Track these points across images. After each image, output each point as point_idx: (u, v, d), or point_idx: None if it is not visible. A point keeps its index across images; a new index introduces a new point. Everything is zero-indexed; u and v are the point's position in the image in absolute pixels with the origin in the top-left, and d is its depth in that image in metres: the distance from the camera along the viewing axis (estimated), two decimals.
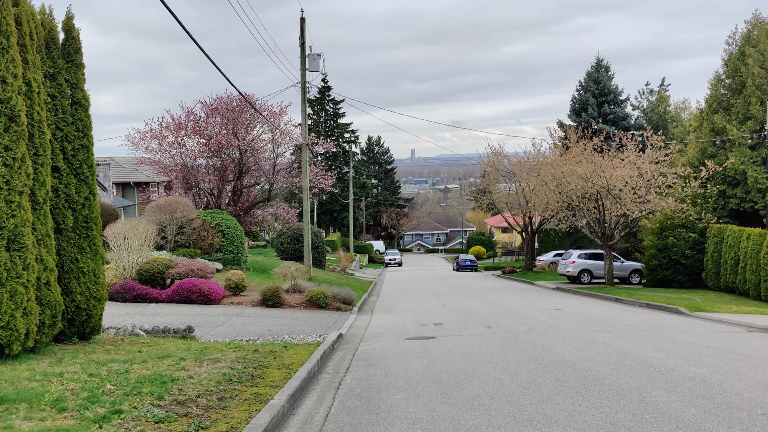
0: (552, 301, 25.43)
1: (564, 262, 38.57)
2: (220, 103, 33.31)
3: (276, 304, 21.18)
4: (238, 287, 22.62)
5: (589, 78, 51.76)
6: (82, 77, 11.96)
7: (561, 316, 18.58)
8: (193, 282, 21.03)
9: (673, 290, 31.07)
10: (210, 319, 17.58)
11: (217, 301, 20.98)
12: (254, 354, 11.00)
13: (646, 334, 14.15)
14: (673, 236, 33.10)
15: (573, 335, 13.84)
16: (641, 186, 29.88)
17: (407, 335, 14.92)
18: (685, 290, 31.24)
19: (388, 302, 26.17)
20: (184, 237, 28.88)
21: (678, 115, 57.02)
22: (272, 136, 34.36)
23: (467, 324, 16.87)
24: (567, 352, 11.44)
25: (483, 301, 25.59)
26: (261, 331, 16.08)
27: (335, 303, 22.42)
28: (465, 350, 12.02)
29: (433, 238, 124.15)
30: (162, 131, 32.59)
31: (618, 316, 18.82)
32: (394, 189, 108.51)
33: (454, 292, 31.10)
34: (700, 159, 34.59)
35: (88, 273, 11.63)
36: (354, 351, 12.81)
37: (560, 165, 33.49)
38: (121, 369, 8.97)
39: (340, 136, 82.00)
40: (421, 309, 22.52)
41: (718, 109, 35.59)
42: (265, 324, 17.28)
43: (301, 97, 31.04)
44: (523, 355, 11.15)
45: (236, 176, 34.41)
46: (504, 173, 49.44)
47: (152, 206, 29.43)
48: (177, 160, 33.42)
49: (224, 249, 29.20)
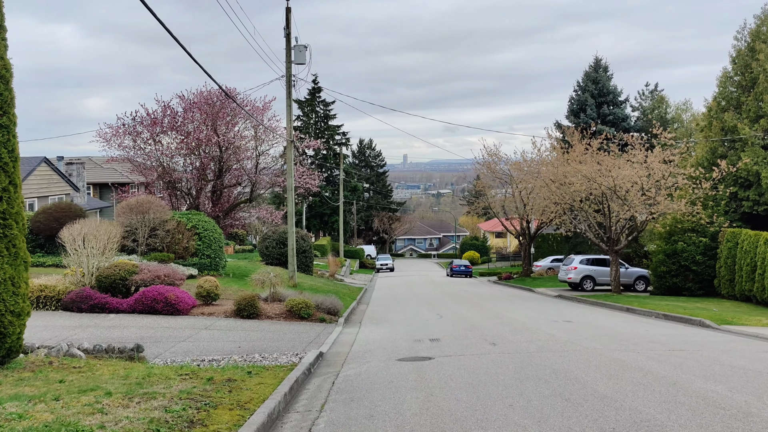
0: (558, 311, 23.24)
1: (565, 268, 36.39)
2: (200, 98, 31.00)
3: (252, 315, 18.97)
4: (210, 295, 20.36)
5: (588, 78, 49.58)
6: (1, 42, 9.71)
7: (574, 330, 16.37)
8: (158, 290, 18.78)
9: (684, 299, 28.92)
10: (173, 333, 15.35)
11: (185, 311, 18.74)
12: (206, 385, 8.73)
13: (683, 354, 11.94)
14: (683, 241, 30.97)
15: (597, 356, 11.62)
16: (650, 187, 27.73)
17: (399, 354, 12.68)
18: (697, 299, 29.10)
19: (379, 312, 23.93)
20: (156, 240, 26.58)
21: (679, 116, 54.96)
22: (255, 133, 32.05)
23: (468, 340, 14.65)
24: (598, 381, 9.21)
25: (482, 311, 23.38)
26: (229, 348, 13.85)
27: (319, 313, 20.20)
28: (470, 378, 9.78)
29: (425, 243, 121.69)
30: (136, 126, 30.21)
31: (638, 330, 16.61)
32: (386, 193, 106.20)
33: (449, 301, 28.87)
34: (710, 159, 32.38)
35: (3, 282, 9.35)
36: (334, 377, 10.55)
37: (563, 165, 31.28)
38: (16, 413, 6.68)
39: (331, 138, 79.73)
40: (415, 320, 20.30)
41: (729, 107, 33.38)
42: (237, 339, 15.05)
43: (286, 91, 28.82)
44: (545, 387, 8.91)
45: (216, 175, 32.09)
46: (500, 175, 47.28)
47: (122, 207, 27.12)
48: (152, 158, 31.07)
49: (200, 253, 26.91)
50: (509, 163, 45.76)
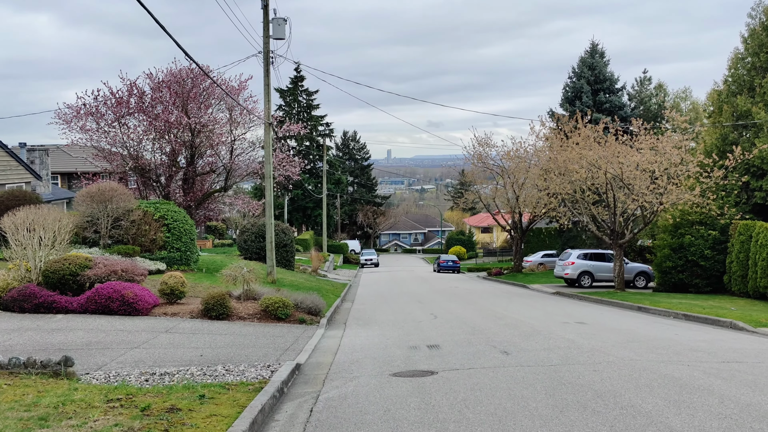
0: (563, 310, 21.04)
1: (561, 263, 34.21)
2: (169, 76, 28.40)
3: (221, 316, 16.64)
4: (175, 293, 17.94)
5: (583, 64, 47.27)
6: None
7: (594, 335, 14.12)
8: (114, 287, 16.34)
9: (693, 296, 26.82)
10: (127, 338, 12.99)
11: (145, 311, 16.36)
12: (135, 421, 6.36)
13: (745, 368, 9.71)
14: (690, 234, 28.87)
15: (640, 371, 9.38)
16: (662, 174, 25.58)
17: (393, 367, 10.39)
18: (706, 296, 27.01)
19: (365, 311, 21.61)
20: (120, 231, 24.09)
21: (677, 105, 52.90)
22: (230, 116, 29.49)
23: (474, 347, 12.38)
24: (665, 412, 6.93)
25: (479, 309, 21.13)
26: (189, 356, 11.53)
27: (298, 313, 17.88)
28: (491, 405, 7.47)
29: (410, 238, 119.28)
30: (98, 107, 27.53)
31: (667, 334, 14.39)
32: (370, 186, 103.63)
33: (441, 298, 26.62)
34: (720, 147, 30.15)
35: None
36: (313, 401, 8.21)
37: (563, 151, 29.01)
38: None
39: (314, 128, 77.09)
40: (406, 321, 18.01)
41: (741, 91, 31.11)
42: (200, 344, 12.74)
43: (263, 69, 26.35)
44: (596, 420, 6.62)
45: (188, 162, 29.52)
46: (491, 166, 45.02)
47: (83, 194, 24.54)
48: (118, 143, 28.43)
49: (170, 246, 24.45)
50: (501, 152, 43.50)
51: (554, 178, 29.84)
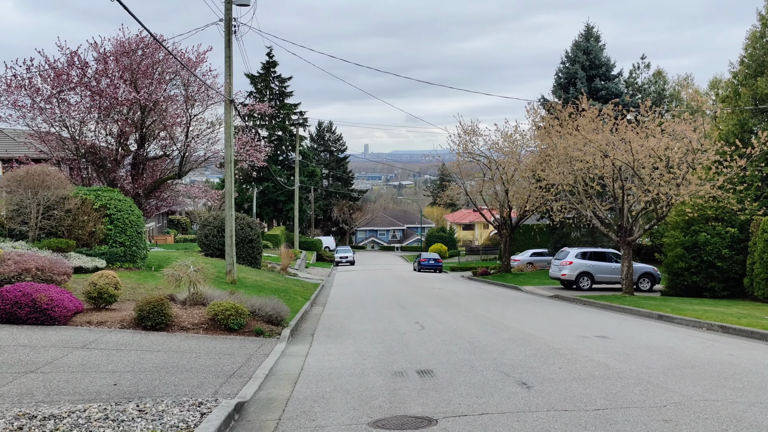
0: (572, 319, 17.79)
1: (558, 262, 31.00)
2: (117, 47, 24.69)
3: (159, 326, 13.37)
4: (104, 297, 14.51)
5: (578, 48, 44.03)
6: None
7: (630, 356, 10.79)
8: (22, 289, 12.97)
9: (711, 301, 23.75)
10: (26, 357, 9.79)
11: (63, 319, 13.06)
12: None
13: None
14: (706, 231, 25.81)
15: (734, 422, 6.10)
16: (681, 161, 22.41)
17: (373, 409, 7.12)
18: (726, 301, 23.96)
19: (338, 318, 18.21)
20: (53, 222, 20.52)
21: (678, 93, 49.98)
22: (186, 92, 25.83)
23: (479, 373, 9.12)
24: None
25: (474, 317, 17.80)
26: (100, 385, 8.32)
27: (255, 322, 14.56)
28: None
29: (388, 235, 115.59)
30: (32, 79, 23.75)
31: (720, 355, 11.07)
32: (346, 179, 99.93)
33: (426, 302, 23.29)
34: (738, 134, 27.04)
35: None
36: None
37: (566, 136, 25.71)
38: None
39: (287, 117, 73.29)
40: (387, 332, 14.68)
41: (761, 72, 27.98)
42: (121, 366, 9.56)
43: (224, 38, 22.85)
44: None
45: (138, 144, 25.83)
46: (477, 157, 41.76)
47: (8, 179, 20.88)
48: (56, 122, 24.66)
49: (111, 240, 20.92)
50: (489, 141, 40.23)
51: (554, 168, 26.57)
